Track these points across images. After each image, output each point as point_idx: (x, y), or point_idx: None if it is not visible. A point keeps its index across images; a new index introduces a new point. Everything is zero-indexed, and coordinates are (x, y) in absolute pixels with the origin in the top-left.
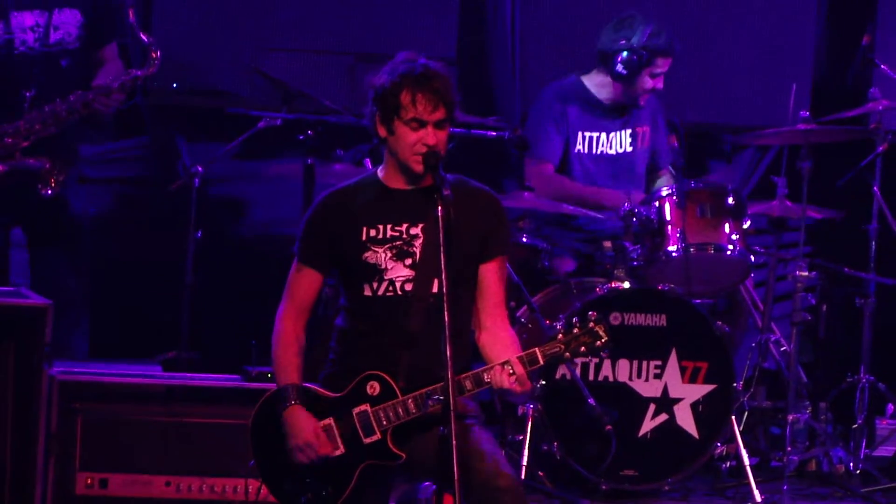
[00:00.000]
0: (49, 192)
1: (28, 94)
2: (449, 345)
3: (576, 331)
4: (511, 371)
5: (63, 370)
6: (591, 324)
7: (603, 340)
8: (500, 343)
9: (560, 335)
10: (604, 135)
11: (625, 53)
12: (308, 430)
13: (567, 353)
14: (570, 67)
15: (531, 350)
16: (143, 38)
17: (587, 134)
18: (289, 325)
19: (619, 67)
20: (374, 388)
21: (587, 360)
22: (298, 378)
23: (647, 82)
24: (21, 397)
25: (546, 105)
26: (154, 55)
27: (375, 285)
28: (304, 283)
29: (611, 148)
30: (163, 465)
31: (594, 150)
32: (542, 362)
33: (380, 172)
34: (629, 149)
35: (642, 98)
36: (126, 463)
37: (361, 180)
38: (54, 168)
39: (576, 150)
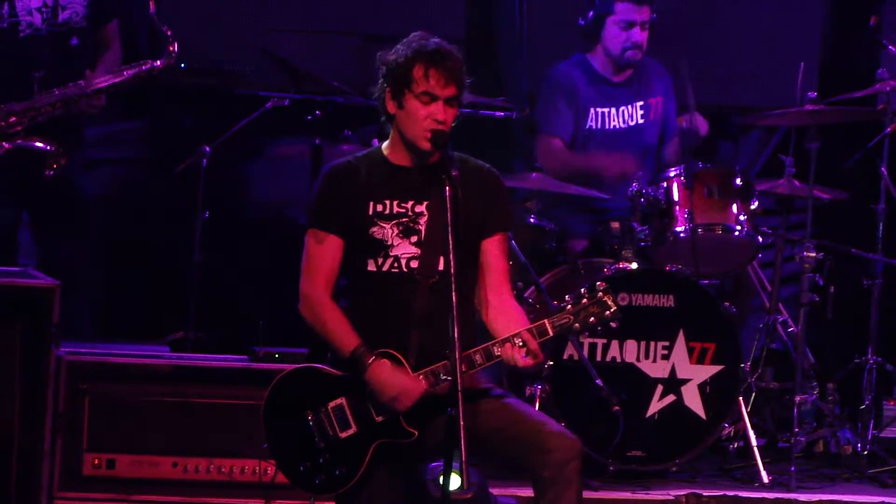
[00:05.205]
0: (51, 173)
1: (37, 74)
2: (456, 325)
3: (584, 301)
4: (522, 344)
5: (71, 350)
6: (600, 294)
7: (612, 310)
8: (507, 317)
9: (569, 306)
10: (614, 109)
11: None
12: (399, 378)
13: (577, 325)
14: (577, 48)
15: (540, 322)
16: (164, 30)
17: (599, 110)
18: (321, 294)
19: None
20: None
21: (598, 329)
22: (358, 336)
23: (619, 35)
24: (29, 378)
25: (556, 82)
26: (172, 48)
27: (380, 260)
28: (328, 251)
29: (622, 122)
30: (170, 446)
31: (607, 126)
32: (551, 334)
33: (385, 149)
34: (640, 121)
35: (628, 54)
36: (133, 443)
37: (366, 155)
38: (58, 151)
39: (587, 127)
